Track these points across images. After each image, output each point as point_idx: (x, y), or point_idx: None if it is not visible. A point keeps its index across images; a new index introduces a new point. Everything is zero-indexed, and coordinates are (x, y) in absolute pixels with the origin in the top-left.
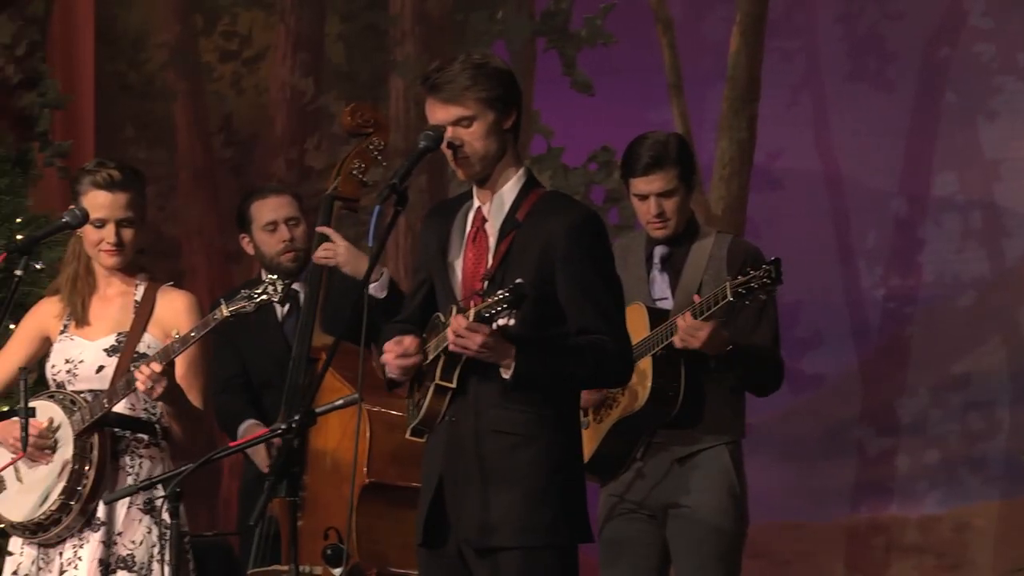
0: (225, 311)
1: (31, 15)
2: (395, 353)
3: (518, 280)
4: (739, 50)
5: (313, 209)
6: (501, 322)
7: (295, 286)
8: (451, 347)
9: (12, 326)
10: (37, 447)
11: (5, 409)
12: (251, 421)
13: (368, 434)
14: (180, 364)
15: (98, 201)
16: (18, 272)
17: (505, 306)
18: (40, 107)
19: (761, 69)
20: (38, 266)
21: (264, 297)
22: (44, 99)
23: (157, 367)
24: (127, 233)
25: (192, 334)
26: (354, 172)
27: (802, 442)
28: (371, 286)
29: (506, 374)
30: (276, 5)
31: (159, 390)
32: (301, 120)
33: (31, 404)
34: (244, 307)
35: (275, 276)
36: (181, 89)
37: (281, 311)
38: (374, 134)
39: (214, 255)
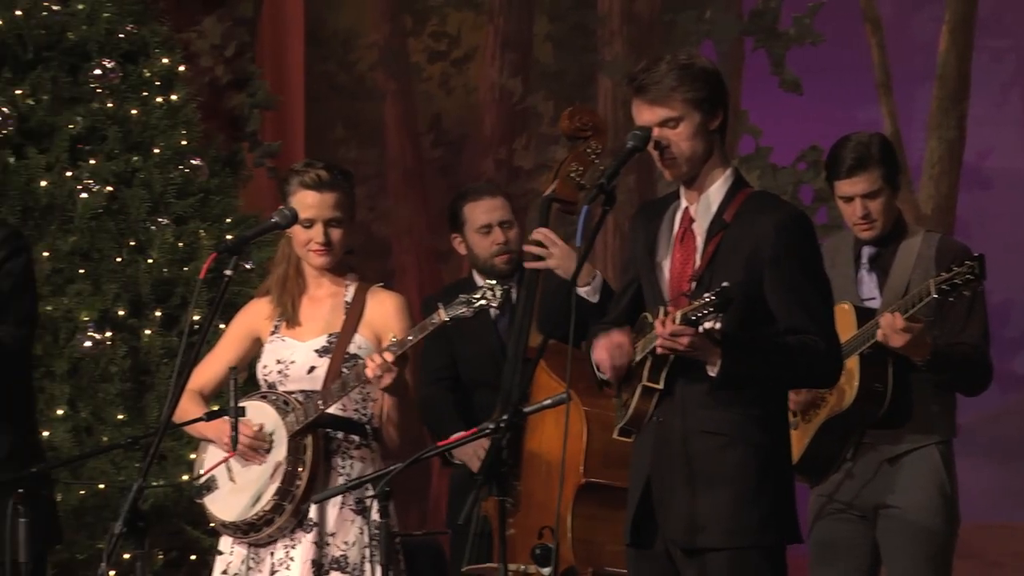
0: (443, 316)
1: (240, 16)
2: (607, 349)
3: (724, 284)
4: (948, 49)
5: (522, 209)
6: (707, 325)
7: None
8: (658, 349)
9: (222, 326)
10: (251, 448)
11: (216, 408)
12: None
13: (585, 434)
14: None
15: (306, 201)
16: (228, 272)
17: (711, 309)
18: (250, 108)
19: (970, 68)
20: (248, 266)
21: (483, 302)
22: (254, 100)
23: (390, 357)
24: (335, 233)
25: (409, 338)
26: (571, 175)
27: (1012, 442)
28: (584, 290)
29: (712, 371)
30: (485, 5)
31: (388, 380)
32: (509, 120)
33: (243, 404)
34: (462, 312)
35: (494, 281)
36: (390, 89)
37: (494, 310)
38: (592, 137)
39: (424, 255)
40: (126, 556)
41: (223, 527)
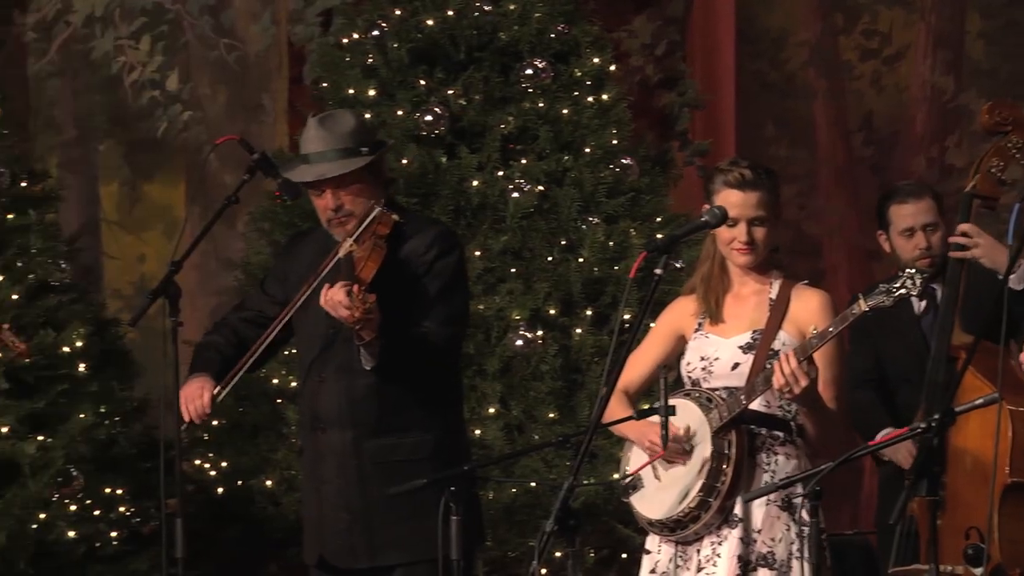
0: (863, 305)
1: (671, 15)
2: None
3: None
4: None
5: (952, 209)
6: None
7: (933, 284)
8: None
9: (651, 324)
10: (673, 450)
11: (646, 407)
12: (885, 431)
13: (1010, 433)
14: (817, 362)
15: (730, 200)
16: (658, 271)
17: None
18: (679, 106)
19: None
20: (678, 265)
21: (902, 291)
22: (683, 98)
23: (795, 362)
24: (759, 232)
25: (830, 329)
26: (992, 170)
27: None
28: (1010, 277)
29: None
30: (916, 3)
31: (797, 390)
32: (941, 118)
33: (670, 402)
34: (882, 301)
35: (913, 269)
36: (821, 87)
37: (918, 306)
38: (1013, 132)
39: (854, 253)
40: (557, 554)
41: (649, 525)
